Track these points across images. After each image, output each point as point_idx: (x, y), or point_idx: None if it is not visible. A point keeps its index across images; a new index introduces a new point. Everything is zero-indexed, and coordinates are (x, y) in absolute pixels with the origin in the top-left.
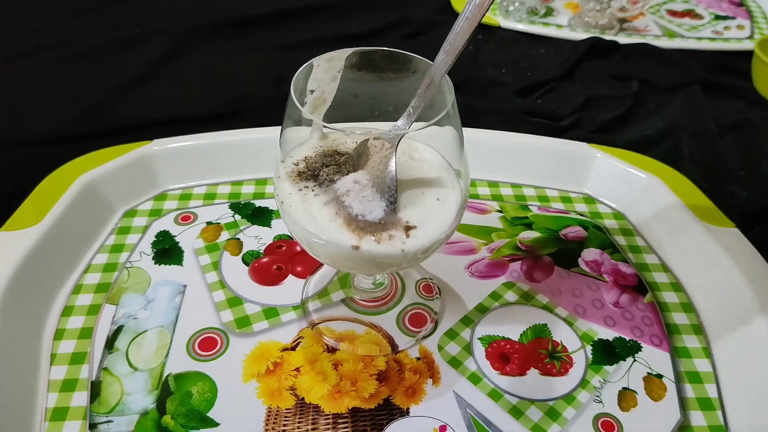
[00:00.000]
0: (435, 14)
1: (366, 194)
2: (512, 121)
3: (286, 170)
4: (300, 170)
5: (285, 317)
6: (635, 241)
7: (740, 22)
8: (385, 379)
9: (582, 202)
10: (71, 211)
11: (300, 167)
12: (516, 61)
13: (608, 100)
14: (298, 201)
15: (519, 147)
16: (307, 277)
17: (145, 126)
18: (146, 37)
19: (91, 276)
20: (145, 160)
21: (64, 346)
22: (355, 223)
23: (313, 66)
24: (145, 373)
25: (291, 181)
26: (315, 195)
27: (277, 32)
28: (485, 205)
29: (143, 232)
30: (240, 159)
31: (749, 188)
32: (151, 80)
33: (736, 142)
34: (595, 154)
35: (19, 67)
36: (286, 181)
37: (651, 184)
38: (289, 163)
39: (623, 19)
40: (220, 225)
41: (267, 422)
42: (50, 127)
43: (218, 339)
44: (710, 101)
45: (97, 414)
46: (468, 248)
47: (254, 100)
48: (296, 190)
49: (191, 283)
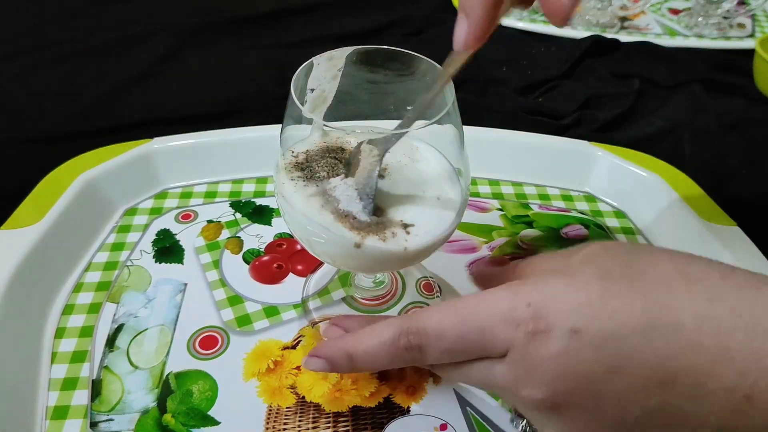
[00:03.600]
0: (436, 12)
1: (350, 194)
2: (513, 120)
3: (285, 162)
4: (297, 162)
5: (285, 316)
6: (636, 240)
7: (741, 21)
8: (386, 378)
9: (583, 201)
10: (72, 210)
11: (299, 159)
12: (517, 60)
13: (609, 99)
14: (291, 191)
15: (520, 145)
16: (307, 276)
17: (146, 124)
18: (147, 35)
19: (92, 274)
20: (146, 159)
21: (64, 345)
22: (349, 222)
23: (313, 65)
24: (145, 372)
25: (288, 174)
26: (304, 185)
27: (278, 30)
28: (486, 203)
29: (144, 230)
30: (241, 157)
31: (751, 186)
32: (152, 78)
33: (737, 141)
34: (596, 153)
35: (19, 65)
36: (284, 174)
37: (652, 182)
38: (288, 157)
39: (624, 18)
40: (220, 223)
41: (267, 421)
42: (51, 125)
43: (219, 337)
44: (712, 99)
45: (98, 412)
46: (469, 247)
47: (255, 98)
48: (292, 183)
49: (192, 282)
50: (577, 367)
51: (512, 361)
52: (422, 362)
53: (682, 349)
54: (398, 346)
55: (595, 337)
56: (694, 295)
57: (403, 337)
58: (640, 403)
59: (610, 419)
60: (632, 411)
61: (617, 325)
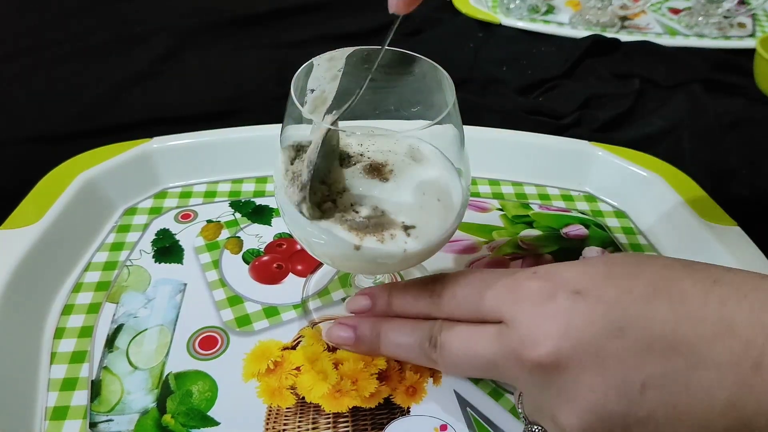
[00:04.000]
0: (436, 12)
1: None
2: (513, 119)
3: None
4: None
5: (285, 316)
6: (636, 240)
7: (742, 20)
8: (386, 378)
9: (583, 201)
10: (71, 209)
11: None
12: (517, 59)
13: (609, 98)
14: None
15: (520, 145)
16: (307, 276)
17: (146, 124)
18: (147, 34)
19: (91, 274)
20: (145, 158)
21: (64, 345)
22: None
23: (313, 65)
24: (145, 372)
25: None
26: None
27: (278, 30)
28: (486, 203)
29: (143, 230)
30: (240, 157)
31: (751, 186)
32: (152, 78)
33: (737, 140)
34: (596, 153)
35: (18, 65)
36: (282, 174)
37: (652, 182)
38: (286, 155)
39: (624, 17)
40: (220, 223)
41: (267, 421)
42: (50, 124)
43: (218, 338)
44: (712, 99)
45: (98, 413)
46: (469, 247)
47: (255, 97)
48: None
49: (191, 282)
50: (580, 326)
51: (517, 324)
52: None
53: (685, 319)
54: (424, 348)
55: (599, 300)
56: (698, 276)
57: (426, 343)
58: (643, 368)
59: (612, 381)
60: (635, 376)
61: (621, 291)
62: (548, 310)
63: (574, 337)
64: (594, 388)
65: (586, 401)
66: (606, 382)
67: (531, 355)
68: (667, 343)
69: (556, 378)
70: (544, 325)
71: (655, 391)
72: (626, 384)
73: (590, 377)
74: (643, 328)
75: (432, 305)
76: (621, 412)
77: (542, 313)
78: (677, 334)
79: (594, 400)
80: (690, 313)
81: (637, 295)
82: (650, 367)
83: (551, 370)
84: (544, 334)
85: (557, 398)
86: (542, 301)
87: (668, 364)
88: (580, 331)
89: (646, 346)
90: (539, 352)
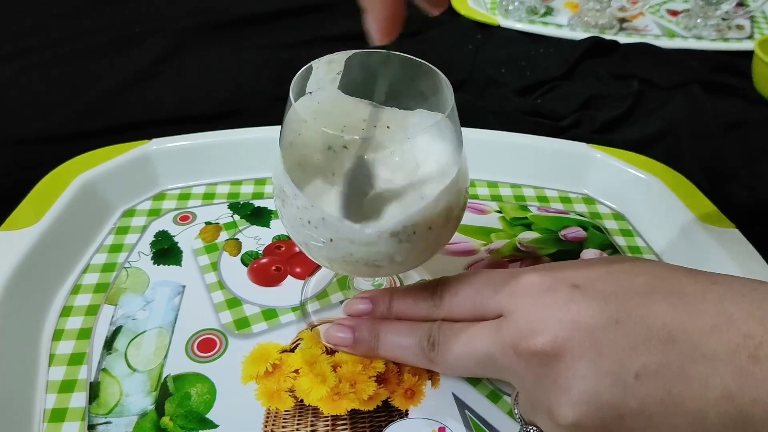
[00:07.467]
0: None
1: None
2: (512, 121)
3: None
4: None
5: (284, 319)
6: (635, 242)
7: (740, 22)
8: (384, 381)
9: (581, 203)
10: (70, 211)
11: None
12: (515, 61)
13: (608, 100)
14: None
15: (518, 147)
16: (306, 279)
17: (144, 125)
18: (145, 35)
19: (90, 276)
20: (144, 160)
21: (62, 347)
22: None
23: (312, 68)
24: (143, 374)
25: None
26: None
27: (277, 31)
28: (484, 205)
29: (142, 232)
30: (239, 158)
31: (749, 188)
32: (150, 79)
33: (736, 142)
34: (595, 155)
35: (17, 66)
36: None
37: (651, 184)
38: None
39: (623, 19)
40: (219, 225)
41: (266, 424)
42: (48, 126)
43: (217, 340)
44: (710, 101)
45: (96, 415)
46: (467, 249)
47: (254, 99)
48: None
49: (190, 284)
50: (577, 316)
51: (515, 316)
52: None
53: (683, 312)
54: (422, 348)
55: (598, 293)
56: (698, 277)
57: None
58: (640, 358)
59: (608, 369)
60: (631, 365)
61: (620, 286)
62: (546, 302)
63: (571, 327)
64: (588, 376)
65: (580, 390)
66: (600, 370)
67: (528, 344)
68: (664, 334)
69: (552, 368)
70: (541, 315)
71: (650, 380)
72: (620, 372)
73: (585, 366)
74: (640, 320)
75: (432, 307)
76: (614, 402)
77: (540, 304)
78: (675, 325)
79: (587, 389)
80: (688, 307)
81: (635, 290)
82: (646, 357)
83: (547, 360)
84: (541, 324)
85: (552, 389)
86: (541, 293)
87: (664, 354)
88: (577, 321)
89: (643, 337)
90: (536, 341)
